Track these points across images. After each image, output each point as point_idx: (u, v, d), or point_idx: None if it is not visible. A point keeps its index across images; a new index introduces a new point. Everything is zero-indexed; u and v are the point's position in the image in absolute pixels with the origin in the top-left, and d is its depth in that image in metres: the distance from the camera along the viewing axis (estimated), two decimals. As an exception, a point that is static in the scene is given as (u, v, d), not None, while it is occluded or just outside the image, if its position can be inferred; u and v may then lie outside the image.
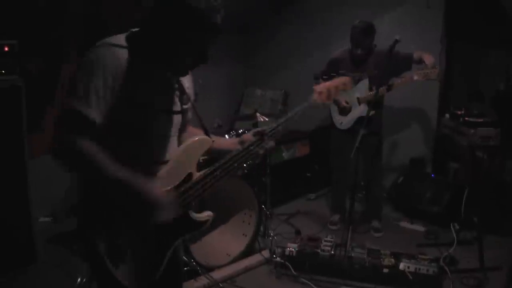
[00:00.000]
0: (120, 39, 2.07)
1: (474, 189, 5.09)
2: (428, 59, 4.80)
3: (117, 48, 2.01)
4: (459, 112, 4.78)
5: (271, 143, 2.38)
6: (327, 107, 2.88)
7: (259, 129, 2.40)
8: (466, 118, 4.62)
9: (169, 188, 2.13)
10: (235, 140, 2.41)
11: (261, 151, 2.36)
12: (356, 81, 5.20)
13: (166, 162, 2.19)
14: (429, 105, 6.40)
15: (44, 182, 4.76)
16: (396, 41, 4.27)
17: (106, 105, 1.95)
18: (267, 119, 5.25)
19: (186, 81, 2.31)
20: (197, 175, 2.22)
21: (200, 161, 2.27)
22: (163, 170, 2.16)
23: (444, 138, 5.85)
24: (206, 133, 2.35)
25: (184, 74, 2.24)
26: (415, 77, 4.77)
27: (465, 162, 5.74)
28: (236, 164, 2.30)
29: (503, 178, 5.51)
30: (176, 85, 2.26)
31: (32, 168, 4.22)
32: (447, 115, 5.02)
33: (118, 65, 1.98)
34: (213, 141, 2.33)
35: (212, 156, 2.39)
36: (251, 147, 2.34)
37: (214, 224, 4.67)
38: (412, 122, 6.60)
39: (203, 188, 2.22)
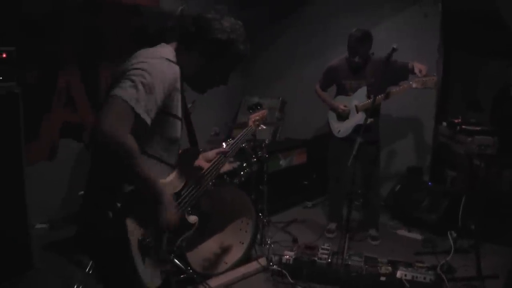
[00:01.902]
0: (167, 53, 2.22)
1: (471, 197, 5.10)
2: (419, 67, 4.80)
3: (172, 63, 2.17)
4: (456, 121, 4.79)
5: (230, 160, 2.84)
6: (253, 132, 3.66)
7: (221, 149, 2.85)
8: (463, 127, 4.63)
9: (173, 193, 2.37)
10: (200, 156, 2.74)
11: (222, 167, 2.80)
12: (354, 89, 5.21)
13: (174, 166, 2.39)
14: (426, 113, 6.42)
15: (41, 189, 4.76)
16: (394, 50, 4.27)
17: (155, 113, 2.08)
18: (264, 127, 5.24)
19: None
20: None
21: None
22: (170, 176, 2.39)
23: (441, 147, 5.86)
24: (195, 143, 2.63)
25: (204, 92, 2.45)
26: (414, 85, 4.76)
27: (462, 170, 5.74)
28: (209, 178, 2.67)
29: (500, 187, 5.52)
30: None
31: (29, 175, 4.21)
32: (444, 124, 5.03)
33: (173, 79, 2.14)
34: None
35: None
36: (216, 164, 2.75)
37: (211, 232, 4.68)
38: (409, 131, 6.61)
39: (194, 196, 2.52)
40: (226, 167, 2.78)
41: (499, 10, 5.59)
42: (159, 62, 2.12)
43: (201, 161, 2.73)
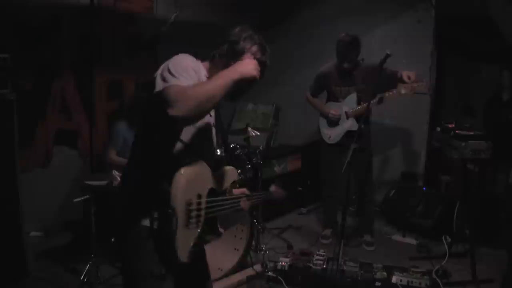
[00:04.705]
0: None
1: (465, 202, 5.11)
2: (407, 74, 4.82)
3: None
4: (450, 126, 4.80)
5: (248, 203, 2.94)
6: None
7: (246, 191, 2.98)
8: (457, 132, 4.64)
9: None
10: None
11: (242, 205, 2.88)
12: (344, 95, 5.23)
13: None
14: (420, 118, 6.43)
15: (35, 196, 4.75)
16: (387, 55, 4.28)
17: None
18: (258, 134, 5.25)
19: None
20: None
21: None
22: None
23: (435, 152, 5.87)
24: None
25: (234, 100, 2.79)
26: (403, 91, 4.79)
27: (456, 175, 5.76)
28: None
29: (494, 191, 5.53)
30: None
31: (23, 182, 4.20)
32: (438, 129, 5.04)
33: None
34: None
35: None
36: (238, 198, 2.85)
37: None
38: (403, 136, 6.62)
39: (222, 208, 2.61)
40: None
41: (490, 15, 5.63)
42: None
43: (236, 190, 2.86)
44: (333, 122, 5.35)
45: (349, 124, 5.19)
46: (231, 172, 2.75)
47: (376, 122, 5.41)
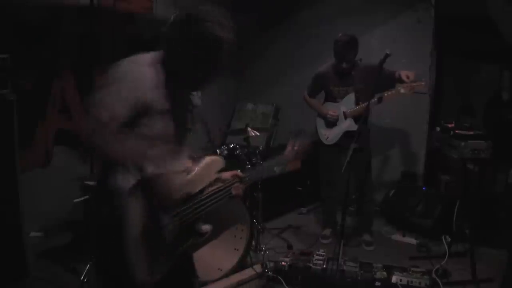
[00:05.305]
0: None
1: (465, 202, 5.11)
2: (406, 74, 4.82)
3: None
4: (449, 125, 4.80)
5: (242, 187, 2.73)
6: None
7: (238, 172, 2.78)
8: (457, 131, 4.64)
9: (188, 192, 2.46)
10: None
11: (234, 192, 2.71)
12: (341, 96, 5.23)
13: None
14: (420, 118, 6.44)
15: (35, 196, 4.75)
16: (387, 55, 4.28)
17: None
18: (258, 134, 5.25)
19: None
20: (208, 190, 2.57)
21: None
22: (191, 175, 2.49)
23: (435, 151, 5.87)
24: None
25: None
26: (402, 90, 4.80)
27: (456, 174, 5.76)
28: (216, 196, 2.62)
29: (494, 191, 5.54)
30: None
31: (23, 182, 4.19)
32: (438, 128, 5.05)
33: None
34: None
35: None
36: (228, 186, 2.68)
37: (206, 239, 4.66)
38: (403, 136, 6.62)
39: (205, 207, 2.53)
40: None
41: (490, 15, 5.63)
42: None
43: (226, 174, 2.73)
44: (331, 123, 5.35)
45: (347, 125, 5.19)
46: (215, 162, 2.64)
47: (376, 122, 5.40)
